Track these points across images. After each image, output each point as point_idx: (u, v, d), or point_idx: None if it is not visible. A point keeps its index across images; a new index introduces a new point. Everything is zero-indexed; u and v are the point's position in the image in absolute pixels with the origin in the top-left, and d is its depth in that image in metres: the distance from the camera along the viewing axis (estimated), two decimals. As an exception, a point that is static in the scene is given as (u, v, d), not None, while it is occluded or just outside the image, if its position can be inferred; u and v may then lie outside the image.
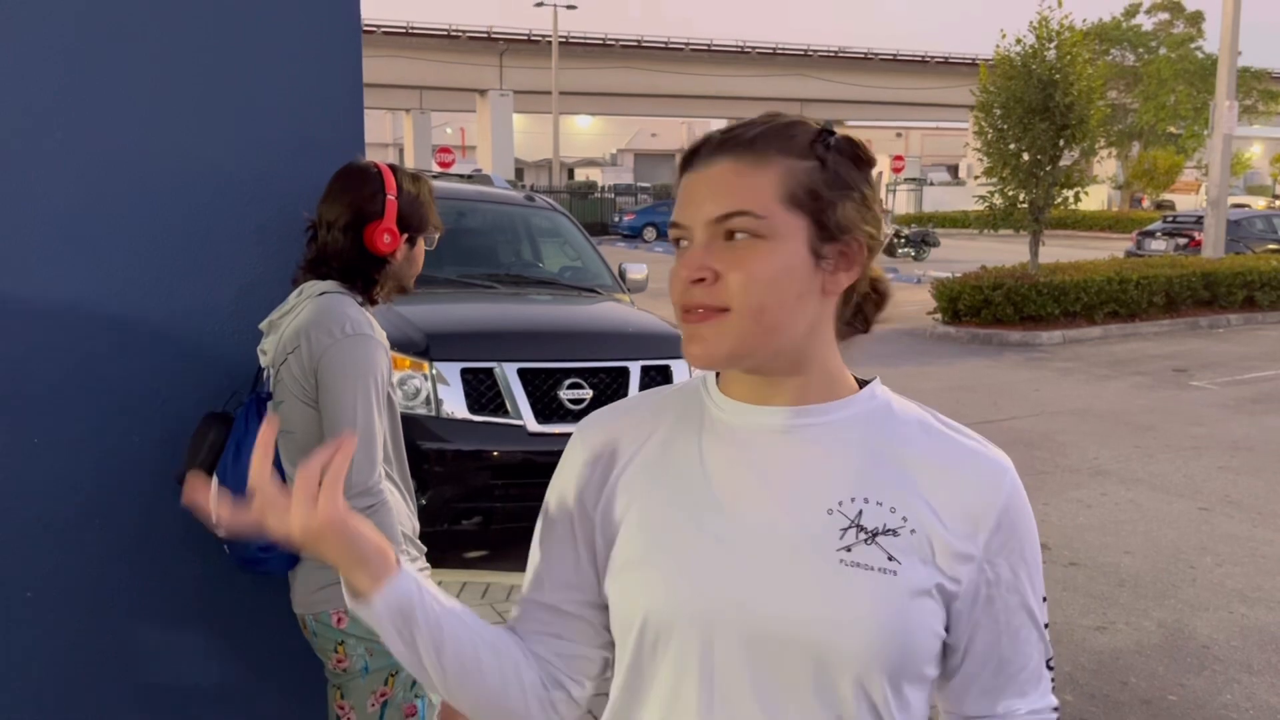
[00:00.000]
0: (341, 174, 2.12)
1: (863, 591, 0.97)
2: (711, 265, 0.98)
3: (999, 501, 1.02)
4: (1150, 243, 21.92)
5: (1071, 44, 14.13)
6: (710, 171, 1.01)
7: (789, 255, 0.99)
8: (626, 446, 1.10)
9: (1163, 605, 4.78)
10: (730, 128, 1.04)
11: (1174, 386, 10.12)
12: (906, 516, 1.00)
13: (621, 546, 1.06)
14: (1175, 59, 41.12)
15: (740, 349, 0.99)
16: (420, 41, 41.14)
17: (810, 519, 1.00)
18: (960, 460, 1.04)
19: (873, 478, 1.02)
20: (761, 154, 1.00)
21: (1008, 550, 1.03)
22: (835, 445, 1.03)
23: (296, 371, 2.01)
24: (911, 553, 0.99)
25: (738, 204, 0.99)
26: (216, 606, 2.37)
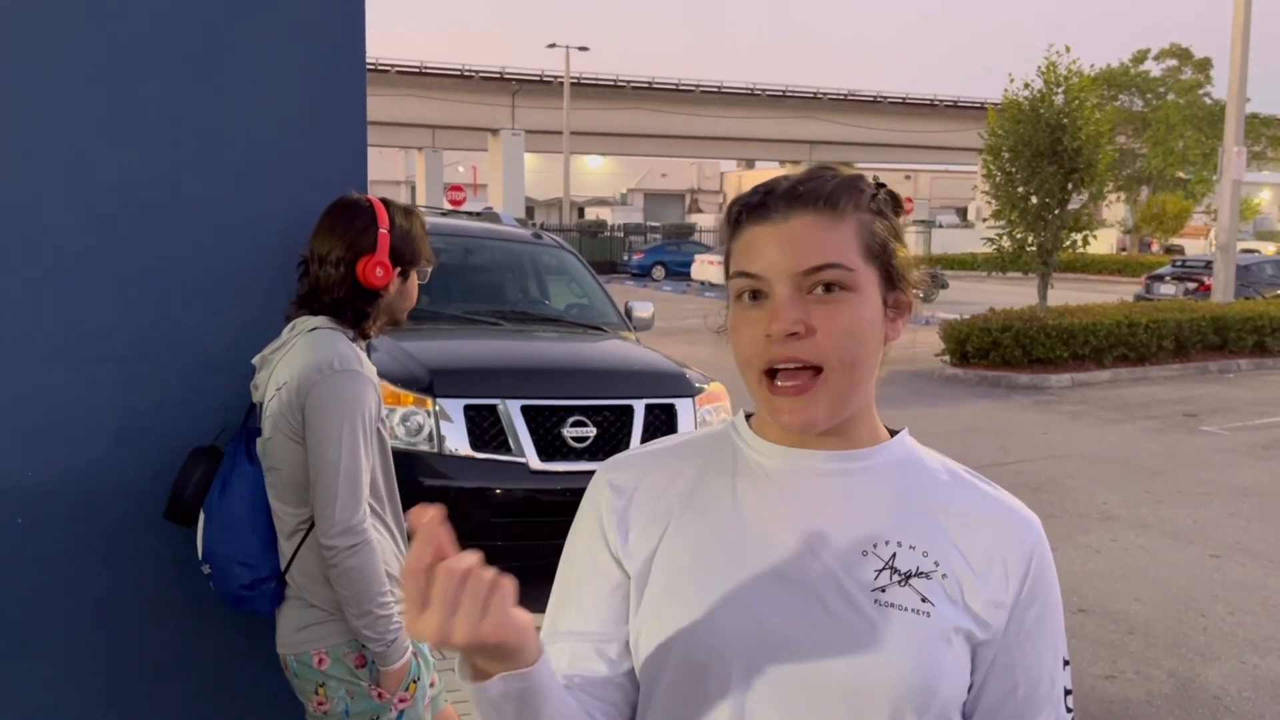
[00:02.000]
0: (333, 208, 2.11)
1: (898, 631, 0.98)
2: (806, 319, 0.98)
3: (1027, 554, 1.03)
4: (1160, 287, 21.88)
5: (1079, 89, 14.20)
6: (790, 225, 1.01)
7: (872, 308, 1.02)
8: (652, 487, 1.09)
9: (1173, 654, 4.69)
10: (797, 180, 1.04)
11: (1184, 431, 10.04)
12: (939, 561, 1.01)
13: (652, 586, 1.04)
14: (1184, 105, 41.32)
15: (837, 408, 1.01)
16: (433, 81, 41.62)
17: (846, 559, 1.01)
18: (990, 511, 1.06)
19: (905, 522, 1.03)
20: (839, 207, 1.01)
21: (1032, 604, 1.03)
22: (869, 490, 1.05)
23: (285, 407, 1.99)
24: (942, 595, 1.00)
25: (829, 256, 1.00)
26: (204, 642, 2.33)
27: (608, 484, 1.10)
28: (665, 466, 1.10)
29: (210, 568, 2.07)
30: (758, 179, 1.10)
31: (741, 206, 1.05)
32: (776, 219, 1.01)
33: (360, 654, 2.04)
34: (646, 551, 1.06)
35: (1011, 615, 1.02)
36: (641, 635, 1.04)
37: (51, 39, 2.11)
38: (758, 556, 1.02)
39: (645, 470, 1.10)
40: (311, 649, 2.04)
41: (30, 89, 2.11)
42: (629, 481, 1.10)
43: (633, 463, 1.12)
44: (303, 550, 2.05)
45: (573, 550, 1.11)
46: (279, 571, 2.07)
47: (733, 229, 1.06)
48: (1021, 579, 1.02)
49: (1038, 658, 1.04)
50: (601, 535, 1.08)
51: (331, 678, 2.04)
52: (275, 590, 2.07)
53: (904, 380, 12.77)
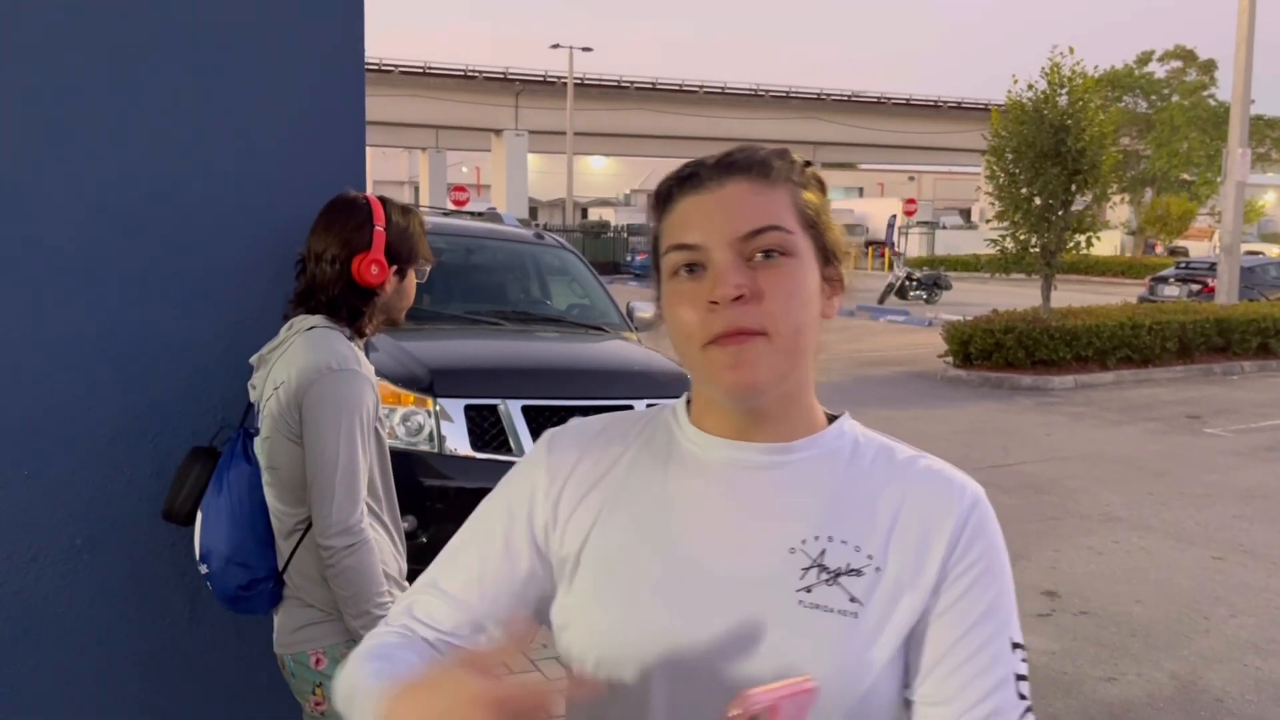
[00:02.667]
0: (330, 206, 2.11)
1: (821, 633, 0.94)
2: (750, 284, 0.94)
3: (958, 523, 0.97)
4: (1163, 288, 21.85)
5: (1083, 90, 14.18)
6: (723, 192, 0.98)
7: (811, 275, 0.99)
8: (591, 469, 1.05)
9: (1175, 656, 4.68)
10: (728, 152, 1.01)
11: (1187, 433, 10.02)
12: (872, 555, 0.97)
13: (579, 581, 1.02)
14: (1188, 106, 41.26)
15: (780, 373, 0.96)
16: (437, 81, 41.63)
17: (771, 558, 0.97)
18: (925, 487, 1.00)
19: (839, 516, 0.99)
20: (772, 174, 0.99)
21: (964, 574, 0.96)
22: (804, 483, 1.00)
23: (283, 407, 1.98)
24: (873, 592, 0.95)
25: (768, 219, 0.97)
26: (201, 643, 2.33)
27: (546, 464, 1.07)
28: (606, 448, 1.06)
29: (207, 568, 2.06)
30: None
31: (672, 181, 1.02)
32: (710, 186, 0.98)
33: (357, 654, 2.04)
34: (576, 543, 1.02)
35: (940, 587, 0.96)
36: (565, 631, 1.02)
37: (49, 39, 2.11)
38: (684, 556, 0.98)
39: (584, 451, 1.07)
40: (309, 649, 2.04)
41: (28, 90, 2.10)
42: (566, 464, 1.06)
43: (574, 442, 1.08)
44: (300, 550, 2.04)
45: (489, 518, 1.07)
46: (276, 571, 2.07)
47: (662, 207, 1.02)
48: (950, 548, 0.96)
49: (973, 630, 0.95)
50: (527, 518, 1.05)
51: (329, 678, 2.03)
52: (273, 590, 2.07)
53: (906, 381, 12.76)
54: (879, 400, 11.26)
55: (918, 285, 24.59)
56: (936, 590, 0.96)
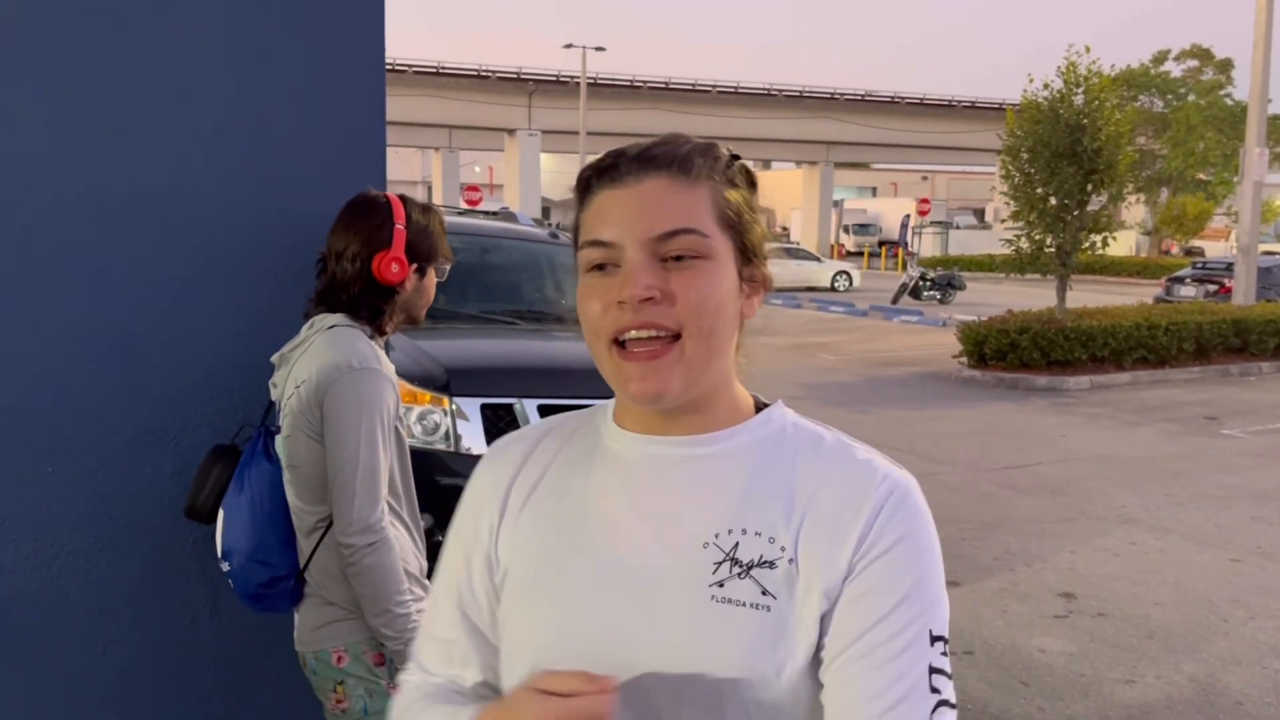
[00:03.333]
0: (351, 205, 2.11)
1: (733, 629, 0.92)
2: (662, 285, 0.93)
3: (874, 508, 0.93)
4: (1180, 289, 21.72)
5: (1099, 89, 14.10)
6: (642, 188, 0.96)
7: (727, 277, 0.97)
8: (530, 472, 1.06)
9: (1194, 659, 4.65)
10: (650, 145, 1.00)
11: (1204, 434, 9.95)
12: (785, 546, 0.94)
13: (510, 584, 1.02)
14: (1204, 106, 41.02)
15: (692, 380, 0.95)
16: (450, 81, 41.71)
17: (685, 554, 0.96)
18: (842, 472, 0.97)
19: (754, 507, 0.96)
20: (693, 172, 0.97)
21: (877, 559, 0.92)
22: (723, 474, 0.99)
23: (304, 405, 1.99)
24: (788, 585, 0.93)
25: (683, 221, 0.95)
26: (222, 641, 2.34)
27: (488, 478, 1.07)
28: (539, 452, 1.07)
29: (229, 565, 2.07)
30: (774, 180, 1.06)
31: (592, 171, 1.00)
32: (629, 181, 0.97)
33: (379, 652, 2.04)
34: (512, 546, 1.03)
35: (849, 576, 0.92)
36: (501, 637, 1.03)
37: (68, 39, 2.12)
38: (601, 555, 0.98)
39: (525, 457, 1.07)
40: (330, 647, 2.04)
41: (52, 88, 2.11)
42: (506, 474, 1.06)
43: (513, 451, 1.08)
44: (321, 548, 2.05)
45: (451, 550, 1.08)
46: (298, 569, 2.08)
47: (582, 197, 1.01)
48: (861, 537, 0.92)
49: (882, 622, 0.91)
50: (487, 535, 1.05)
51: (350, 676, 2.04)
52: (294, 588, 2.07)
53: (920, 382, 12.72)
54: (893, 401, 11.23)
55: (931, 285, 24.52)
56: (848, 576, 0.93)
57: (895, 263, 36.03)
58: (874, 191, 67.94)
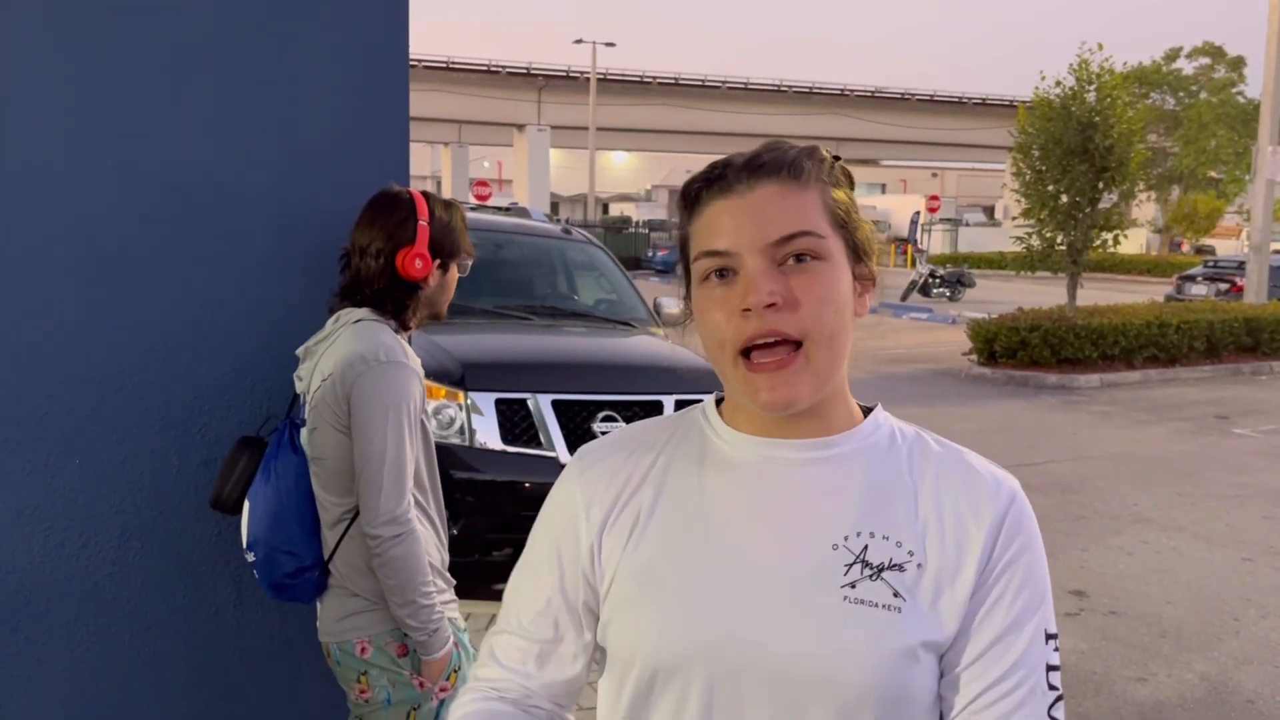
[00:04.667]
0: (374, 201, 2.13)
1: (866, 629, 0.94)
2: (784, 291, 0.94)
3: (998, 519, 0.98)
4: (1191, 287, 21.64)
5: (1111, 87, 14.06)
6: (754, 196, 0.97)
7: (844, 277, 0.99)
8: (626, 482, 1.06)
9: (1206, 657, 4.65)
10: (758, 153, 1.00)
11: (1216, 433, 9.93)
12: (913, 550, 0.97)
13: (620, 583, 1.02)
14: (1216, 103, 40.83)
15: (818, 384, 0.97)
16: (460, 76, 41.73)
17: (814, 555, 0.97)
18: (959, 479, 1.01)
19: (878, 511, 0.99)
20: (803, 176, 0.98)
21: (1005, 569, 0.98)
22: (842, 478, 1.01)
23: (330, 398, 2.01)
24: (917, 588, 0.96)
25: (800, 224, 0.96)
26: (246, 630, 2.36)
27: (580, 482, 1.07)
28: (636, 458, 1.07)
29: (254, 556, 2.10)
30: None
31: (700, 183, 1.01)
32: (740, 190, 0.98)
33: (402, 643, 2.07)
34: (617, 551, 1.03)
35: (981, 585, 0.97)
36: (610, 631, 1.02)
37: (102, 37, 2.14)
38: (727, 556, 0.99)
39: (618, 465, 1.07)
40: (354, 638, 2.07)
41: (78, 88, 2.13)
42: (600, 478, 1.06)
43: (604, 457, 1.08)
44: (346, 540, 2.07)
45: (539, 547, 1.09)
46: (322, 560, 2.10)
47: (690, 209, 1.01)
48: (989, 545, 0.97)
49: (1012, 628, 0.96)
50: (574, 539, 1.06)
51: (374, 666, 2.06)
52: (318, 579, 2.10)
53: (931, 379, 12.71)
54: (903, 398, 11.22)
55: (941, 283, 24.47)
56: (977, 587, 0.97)
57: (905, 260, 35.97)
58: (883, 188, 67.82)
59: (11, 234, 2.10)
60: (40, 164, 2.12)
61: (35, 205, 2.12)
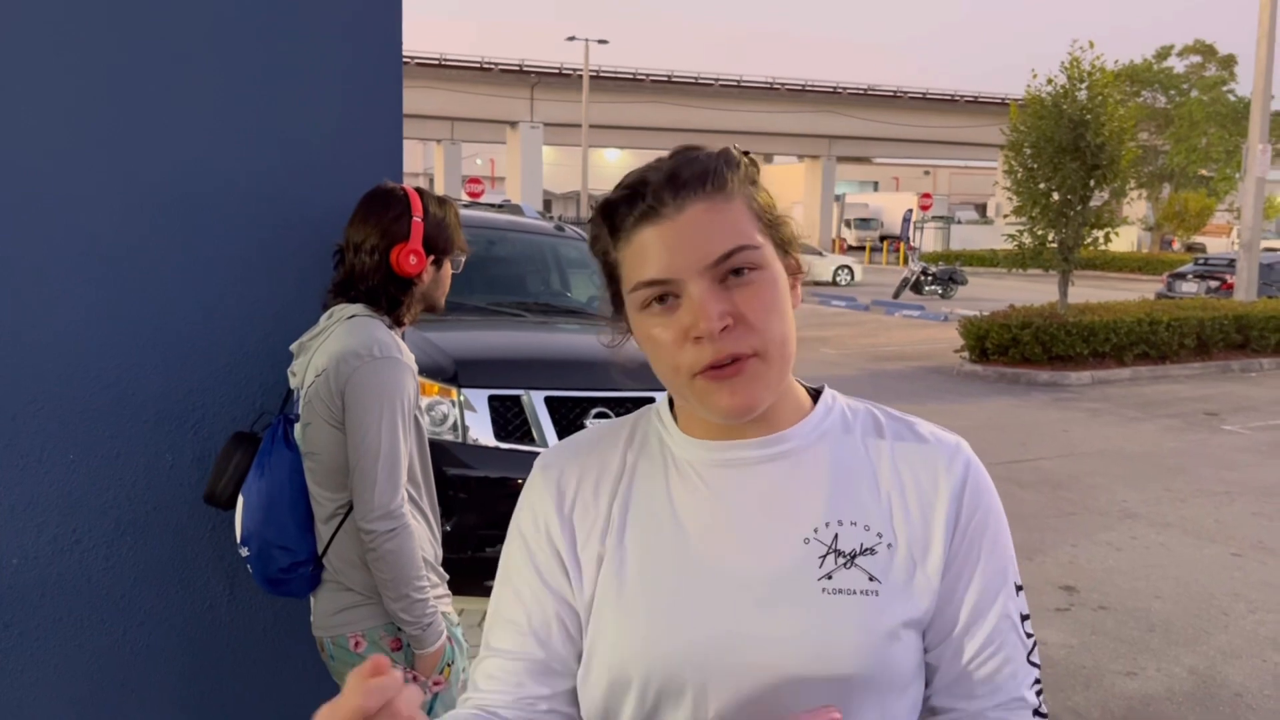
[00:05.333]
0: (368, 197, 2.14)
1: (848, 617, 0.96)
2: (730, 309, 0.94)
3: (958, 485, 1.01)
4: (1181, 285, 21.72)
5: (1103, 85, 14.11)
6: (683, 218, 0.95)
7: (781, 278, 0.99)
8: (595, 481, 1.06)
9: (1194, 652, 4.68)
10: (675, 168, 0.97)
11: (1205, 430, 9.98)
12: (881, 532, 0.99)
13: (599, 603, 1.01)
14: (1207, 101, 40.95)
15: (775, 388, 0.98)
16: (453, 73, 41.67)
17: (787, 552, 0.98)
18: (915, 452, 1.03)
19: (842, 497, 1.00)
20: (727, 187, 0.97)
21: (969, 530, 1.00)
22: (802, 470, 1.01)
23: (324, 393, 2.02)
24: (891, 568, 0.98)
25: (735, 239, 0.95)
26: (240, 625, 2.37)
27: (549, 489, 1.06)
28: (601, 462, 1.06)
29: (248, 551, 2.11)
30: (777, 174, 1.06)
31: (620, 207, 0.97)
32: (668, 213, 0.95)
33: (396, 637, 2.08)
34: (592, 567, 1.02)
35: (950, 547, 0.99)
36: (594, 659, 1.01)
37: (96, 37, 2.15)
38: (701, 563, 0.99)
39: (582, 467, 1.06)
40: (348, 632, 2.08)
41: (74, 85, 2.14)
42: (570, 481, 1.06)
43: (570, 459, 1.08)
44: (340, 534, 2.08)
45: (513, 562, 1.07)
46: (316, 555, 2.11)
47: (614, 233, 0.98)
48: (954, 513, 1.00)
49: (987, 586, 1.00)
50: (549, 547, 1.04)
51: (367, 660, 2.07)
52: (312, 574, 2.11)
53: (923, 376, 12.74)
54: (895, 395, 11.25)
55: (933, 280, 24.53)
56: (949, 557, 0.99)
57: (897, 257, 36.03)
58: (876, 186, 67.90)
59: (5, 232, 2.11)
60: (34, 163, 2.12)
61: (29, 203, 2.12)
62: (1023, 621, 1.02)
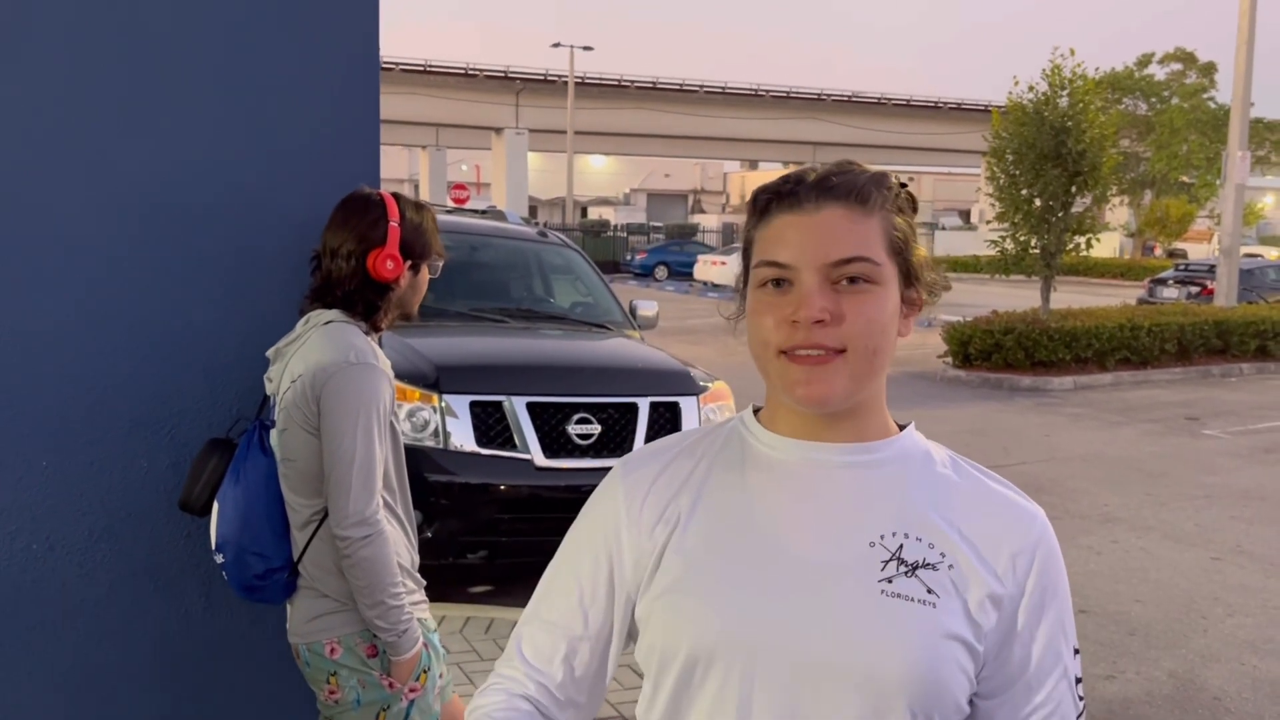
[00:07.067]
0: (345, 202, 2.14)
1: (903, 621, 0.99)
2: (833, 308, 1.00)
3: (1032, 547, 1.04)
4: (1163, 290, 21.88)
5: (1084, 92, 14.21)
6: (821, 216, 1.02)
7: (893, 302, 1.05)
8: (668, 484, 1.10)
9: (1173, 655, 4.71)
10: (829, 172, 1.05)
11: (1186, 434, 10.05)
12: (945, 553, 1.03)
13: (662, 576, 1.06)
14: (1188, 109, 41.28)
15: (852, 389, 1.02)
16: (438, 80, 41.61)
17: (852, 550, 1.02)
18: (995, 504, 1.07)
19: (913, 515, 1.04)
20: (869, 202, 1.04)
21: (1041, 595, 1.04)
22: (879, 482, 1.06)
23: (300, 399, 2.01)
24: (949, 588, 1.02)
25: (859, 250, 1.02)
26: (216, 632, 2.36)
27: (623, 485, 1.12)
28: (678, 464, 1.11)
29: (223, 557, 2.10)
30: (761, 180, 1.12)
31: (771, 194, 1.06)
32: (808, 209, 1.03)
33: (372, 644, 2.07)
34: (658, 547, 1.07)
35: (1017, 607, 1.03)
36: (651, 623, 1.06)
37: (72, 40, 2.14)
38: (769, 548, 1.03)
39: (660, 470, 1.11)
40: (324, 638, 2.07)
41: (52, 88, 2.13)
42: (643, 482, 1.11)
43: (647, 462, 1.13)
44: (315, 541, 2.07)
45: (577, 545, 1.13)
46: (291, 562, 2.10)
47: (759, 216, 1.07)
48: (1026, 571, 1.03)
49: (1046, 646, 1.04)
50: (616, 538, 1.10)
51: (343, 667, 2.07)
52: (288, 580, 2.10)
53: (906, 381, 12.78)
54: (879, 400, 11.27)
55: (917, 286, 24.58)
56: (1012, 607, 1.03)
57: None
58: (860, 192, 67.84)
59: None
60: (10, 168, 2.11)
61: (4, 208, 2.11)
62: (1077, 684, 1.07)
